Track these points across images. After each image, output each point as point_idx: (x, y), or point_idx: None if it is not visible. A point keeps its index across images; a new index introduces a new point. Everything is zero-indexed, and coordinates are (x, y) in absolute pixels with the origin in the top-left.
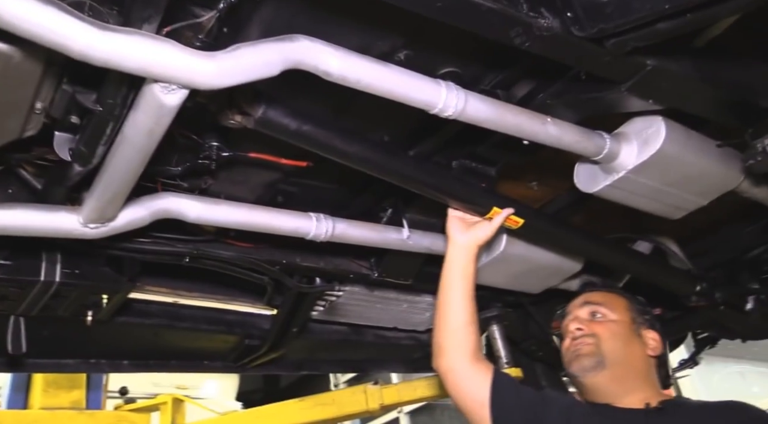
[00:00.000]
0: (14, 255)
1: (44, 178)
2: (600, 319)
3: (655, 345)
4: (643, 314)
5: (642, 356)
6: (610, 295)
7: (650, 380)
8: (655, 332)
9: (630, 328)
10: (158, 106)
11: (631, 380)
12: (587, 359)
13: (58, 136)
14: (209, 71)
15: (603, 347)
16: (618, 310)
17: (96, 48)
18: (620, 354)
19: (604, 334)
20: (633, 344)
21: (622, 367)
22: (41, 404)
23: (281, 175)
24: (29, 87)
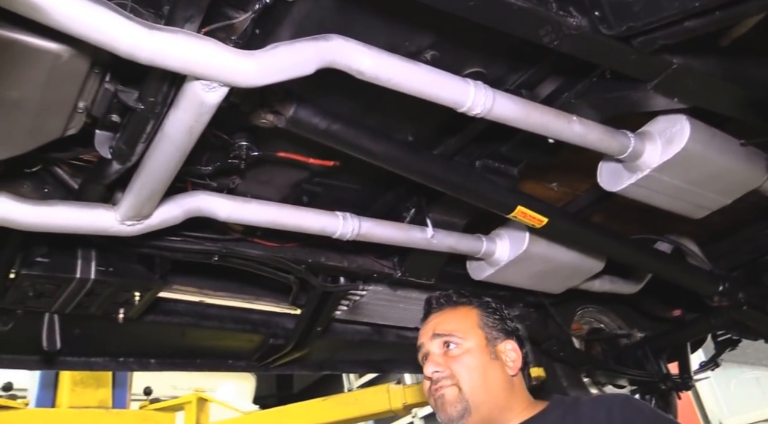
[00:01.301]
0: (51, 253)
1: (79, 177)
2: (454, 351)
3: (514, 358)
4: (497, 324)
5: (503, 381)
6: (458, 311)
7: (516, 400)
8: (511, 340)
9: (485, 351)
10: (199, 103)
11: (500, 414)
12: (452, 407)
13: (98, 134)
14: (249, 70)
15: (464, 388)
16: (470, 332)
17: (142, 47)
18: (481, 391)
19: (462, 372)
20: (491, 371)
21: (486, 403)
22: (69, 403)
23: (307, 175)
24: (74, 86)
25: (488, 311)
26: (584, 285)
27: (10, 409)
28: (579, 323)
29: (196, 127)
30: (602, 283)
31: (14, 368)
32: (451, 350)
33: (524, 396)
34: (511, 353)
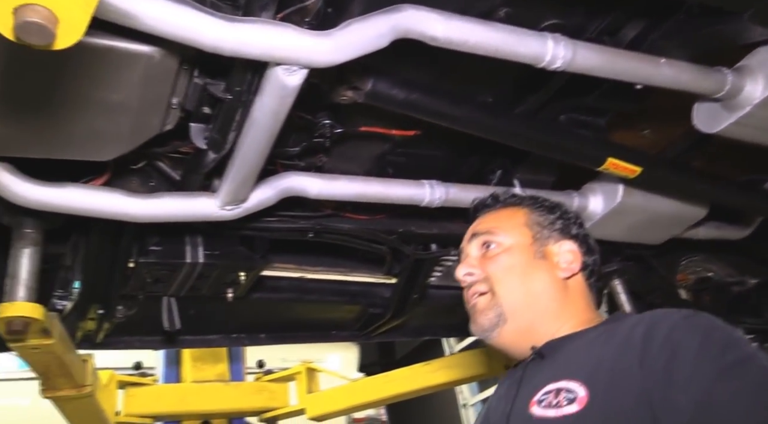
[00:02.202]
0: (162, 241)
1: (179, 169)
2: (494, 251)
3: (569, 260)
4: (551, 223)
5: (550, 284)
6: (505, 211)
7: (569, 309)
8: (570, 241)
9: (529, 251)
10: (281, 87)
11: (542, 323)
12: (483, 315)
13: (193, 127)
14: (326, 49)
15: (498, 292)
16: (514, 230)
17: (225, 39)
18: (519, 295)
19: (497, 272)
20: (535, 273)
21: (526, 309)
22: (192, 378)
23: (390, 147)
24: (167, 84)
25: (541, 208)
26: (687, 233)
27: (143, 385)
28: (684, 273)
29: (281, 111)
30: (707, 230)
31: (141, 348)
32: (490, 250)
33: (581, 307)
34: (566, 255)
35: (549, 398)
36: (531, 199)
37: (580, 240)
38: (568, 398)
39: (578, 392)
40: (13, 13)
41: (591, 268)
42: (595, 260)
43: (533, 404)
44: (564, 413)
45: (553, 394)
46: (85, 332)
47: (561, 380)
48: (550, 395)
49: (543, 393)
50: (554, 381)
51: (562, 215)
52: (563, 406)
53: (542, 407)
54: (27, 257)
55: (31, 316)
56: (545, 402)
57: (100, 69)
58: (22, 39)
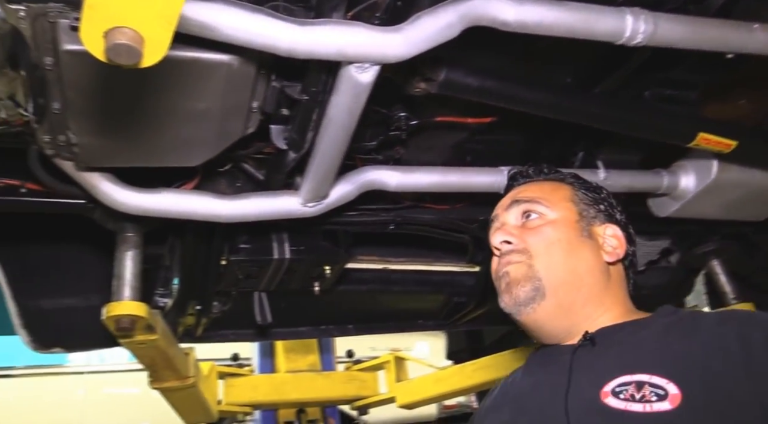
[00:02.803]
0: (251, 239)
1: (263, 169)
2: (535, 221)
3: (615, 245)
4: (596, 203)
5: (595, 265)
6: (549, 184)
7: (610, 295)
8: (615, 226)
9: (575, 227)
10: (355, 85)
11: (583, 306)
12: (520, 287)
13: (273, 128)
14: (397, 44)
15: (538, 265)
16: (560, 203)
17: (299, 42)
18: (561, 270)
19: (539, 245)
20: (581, 250)
21: (567, 287)
22: (286, 368)
23: (467, 135)
24: (247, 89)
25: (586, 188)
26: None
27: (241, 376)
28: None
29: (356, 108)
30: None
31: (236, 341)
32: (532, 220)
33: (622, 296)
34: (612, 239)
35: (630, 391)
36: (574, 176)
37: (623, 226)
38: (657, 394)
39: (669, 389)
40: (104, 36)
41: (631, 258)
42: (634, 251)
43: (606, 395)
44: (656, 410)
45: (634, 387)
46: (185, 326)
47: (639, 373)
48: (630, 388)
49: (618, 384)
50: (630, 373)
51: (606, 197)
52: (652, 401)
53: (622, 400)
54: (130, 259)
55: (136, 314)
56: (625, 394)
57: (185, 80)
58: (113, 60)
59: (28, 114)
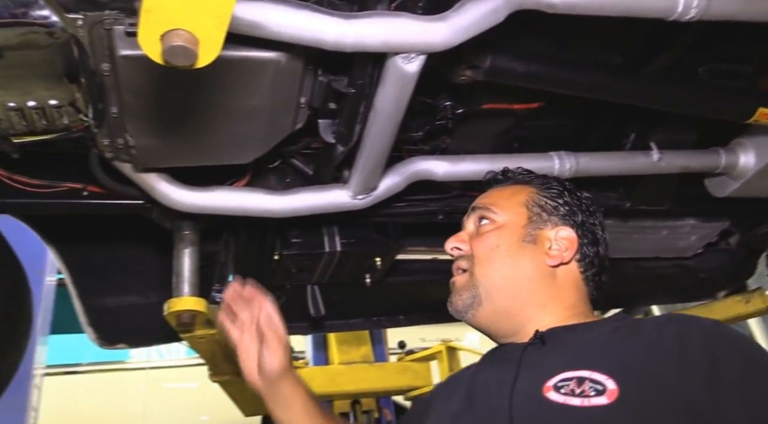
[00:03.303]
0: (302, 233)
1: (311, 163)
2: (485, 227)
3: (563, 247)
4: (552, 207)
5: (535, 269)
6: (511, 189)
7: (555, 298)
8: (570, 228)
9: (519, 233)
10: (401, 76)
11: (522, 309)
12: (458, 296)
13: (321, 123)
14: (442, 33)
15: (476, 273)
16: (511, 209)
17: (346, 35)
18: (497, 277)
19: (481, 251)
20: (519, 256)
21: (503, 293)
22: (339, 360)
23: (513, 121)
24: (295, 85)
25: (547, 190)
26: None
27: (296, 368)
28: None
29: (403, 99)
30: None
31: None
32: (482, 226)
33: (572, 299)
34: (562, 242)
35: (570, 386)
36: (541, 179)
37: (584, 229)
38: (595, 389)
39: (607, 384)
40: (160, 39)
41: (591, 259)
42: (598, 252)
43: (548, 389)
44: (593, 404)
45: (575, 382)
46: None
47: (582, 369)
48: (571, 383)
49: (560, 379)
50: (573, 369)
51: (570, 200)
52: (590, 396)
53: (562, 394)
54: (188, 256)
55: (196, 309)
56: (565, 389)
57: (236, 80)
58: (170, 62)
59: (88, 119)
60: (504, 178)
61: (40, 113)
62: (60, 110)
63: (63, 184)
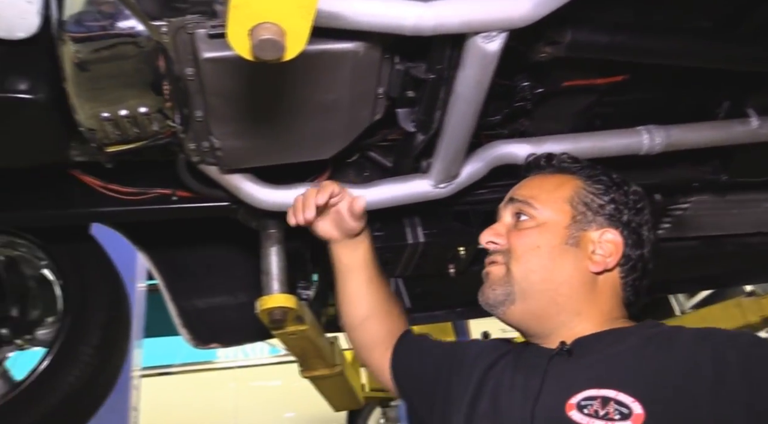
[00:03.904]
0: (383, 226)
1: (389, 155)
2: (525, 223)
3: (608, 252)
4: (600, 206)
5: (576, 275)
6: (555, 180)
7: (592, 305)
8: (616, 230)
9: (562, 233)
10: (482, 56)
11: (557, 314)
12: (492, 289)
13: (400, 112)
14: (523, 7)
15: (514, 270)
16: (554, 205)
17: (426, 20)
18: (536, 279)
19: (520, 248)
20: (562, 260)
21: (540, 296)
22: None
23: (595, 98)
24: (373, 75)
25: (595, 186)
26: None
27: None
28: None
29: (484, 80)
30: None
31: None
32: (522, 221)
33: (609, 306)
34: (606, 246)
35: (594, 406)
36: (589, 170)
37: (629, 230)
38: (620, 413)
39: (633, 408)
40: (249, 34)
41: (633, 263)
42: (641, 255)
43: (571, 408)
44: None
45: (599, 402)
46: (328, 317)
47: (607, 388)
48: (595, 403)
49: (584, 398)
50: (598, 387)
51: (617, 197)
52: (615, 420)
53: (585, 415)
54: (275, 254)
55: (287, 305)
56: (589, 409)
57: (315, 74)
58: (259, 57)
59: (176, 124)
60: (547, 164)
61: (131, 121)
62: (150, 117)
63: (153, 190)
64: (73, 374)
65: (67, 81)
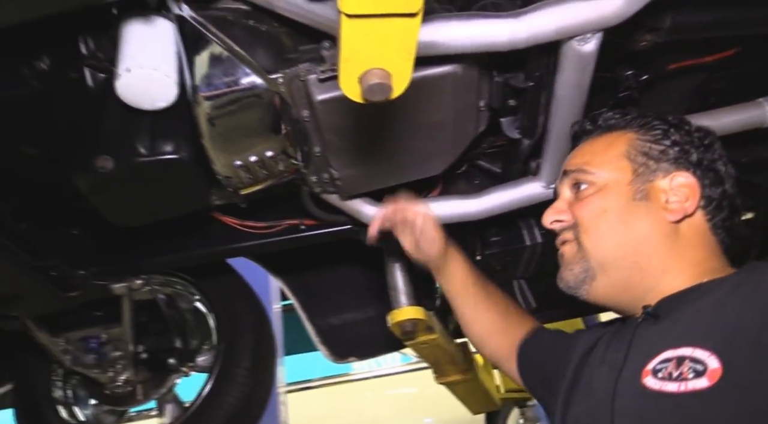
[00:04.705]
0: (500, 231)
1: (496, 161)
2: (586, 191)
3: (683, 197)
4: (660, 152)
5: (653, 232)
6: (605, 139)
7: (679, 259)
8: (687, 172)
9: (627, 189)
10: (579, 58)
11: (642, 280)
12: (568, 269)
13: (504, 121)
14: (617, 5)
15: (585, 243)
16: (610, 164)
17: (518, 34)
18: (610, 245)
19: (585, 218)
20: (633, 218)
21: (620, 262)
22: None
23: (705, 75)
24: (473, 91)
25: (650, 133)
26: None
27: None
28: None
29: (584, 80)
30: None
31: None
32: (582, 190)
33: (701, 255)
34: (680, 190)
35: (668, 368)
36: (640, 119)
37: (702, 168)
38: (695, 370)
39: (709, 363)
40: (359, 81)
41: (718, 202)
42: (724, 191)
43: (647, 374)
44: (689, 389)
45: (674, 363)
46: (454, 324)
47: (684, 346)
48: (669, 365)
49: (660, 361)
50: (674, 347)
51: (679, 138)
52: (688, 379)
53: (659, 379)
54: (399, 269)
55: (417, 317)
56: (663, 372)
57: (420, 99)
58: (369, 99)
59: (298, 162)
60: (593, 127)
61: (260, 165)
62: (275, 159)
63: (282, 222)
64: (232, 395)
65: (204, 137)
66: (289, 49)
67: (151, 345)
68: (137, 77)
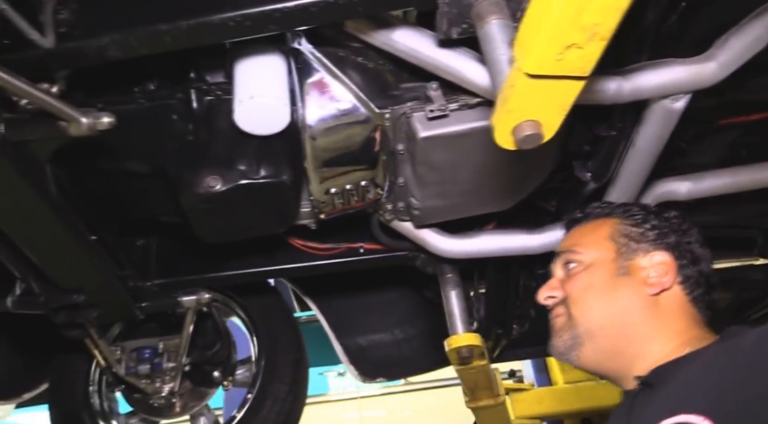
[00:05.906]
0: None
1: (548, 199)
2: (575, 269)
3: (661, 273)
4: (640, 234)
5: (634, 304)
6: (592, 224)
7: (661, 328)
8: (664, 251)
9: (611, 267)
10: (668, 114)
11: (628, 346)
12: (558, 337)
13: (576, 164)
14: (712, 71)
15: (574, 313)
16: (595, 245)
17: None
18: (596, 315)
19: (574, 292)
20: (616, 291)
21: (605, 331)
22: (564, 380)
23: (742, 131)
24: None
25: (631, 218)
26: None
27: (524, 390)
28: None
29: (666, 134)
30: None
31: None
32: (572, 269)
33: (681, 325)
34: (659, 267)
35: None
36: (622, 207)
37: (679, 250)
38: None
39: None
40: (512, 132)
41: (695, 279)
42: (701, 270)
43: None
44: None
45: None
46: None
47: (680, 413)
48: None
49: None
50: (672, 415)
51: (657, 223)
52: None
53: None
54: (455, 296)
55: (474, 344)
56: None
57: None
58: (521, 148)
59: (383, 191)
60: (583, 216)
61: (353, 192)
62: (368, 188)
63: (341, 245)
64: (274, 410)
65: (308, 162)
66: (392, 86)
67: (196, 357)
68: (257, 104)
